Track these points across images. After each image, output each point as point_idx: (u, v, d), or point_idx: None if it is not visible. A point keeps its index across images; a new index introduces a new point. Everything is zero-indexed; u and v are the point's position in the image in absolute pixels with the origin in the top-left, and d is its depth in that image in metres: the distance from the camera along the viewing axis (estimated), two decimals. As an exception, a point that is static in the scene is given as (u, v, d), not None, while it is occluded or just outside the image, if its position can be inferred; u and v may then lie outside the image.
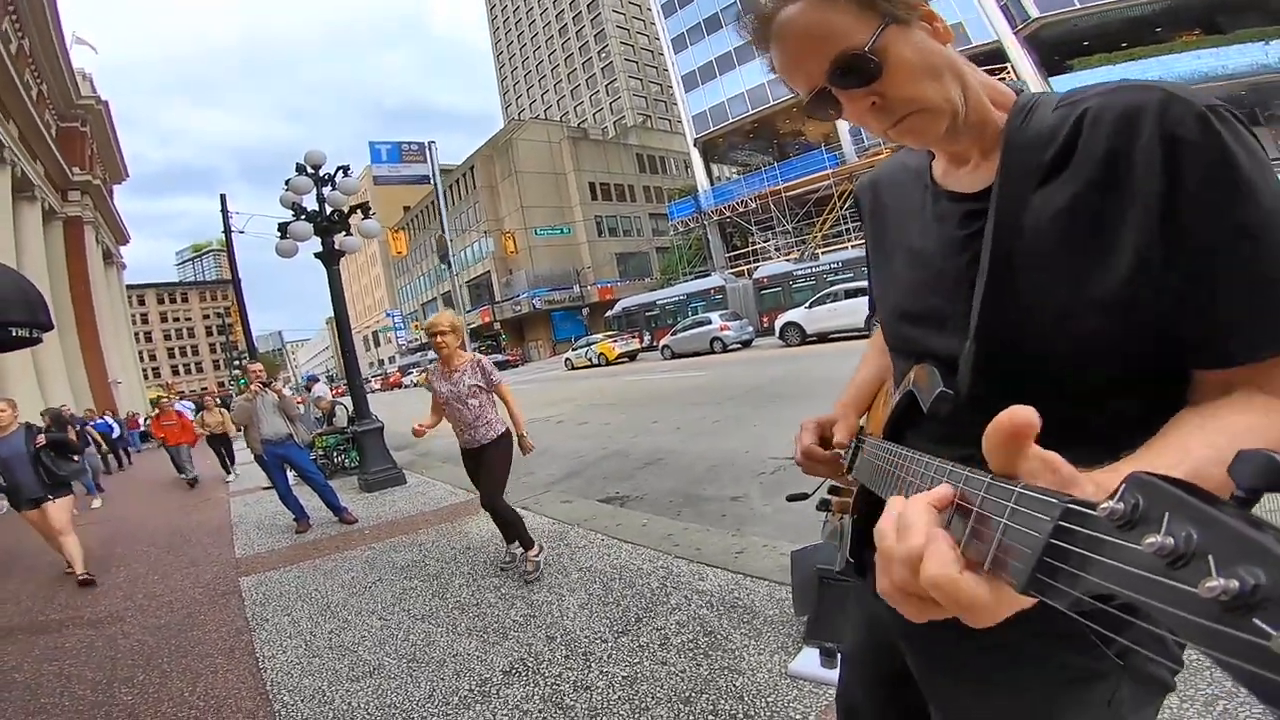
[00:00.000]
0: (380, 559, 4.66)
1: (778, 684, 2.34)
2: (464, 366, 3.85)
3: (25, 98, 19.81)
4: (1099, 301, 0.64)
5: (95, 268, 28.66)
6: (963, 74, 0.73)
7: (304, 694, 2.83)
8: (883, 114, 0.72)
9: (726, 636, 2.72)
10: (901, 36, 0.69)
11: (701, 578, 3.38)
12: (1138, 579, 0.33)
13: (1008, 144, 0.72)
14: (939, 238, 0.80)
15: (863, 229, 1.03)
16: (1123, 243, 0.63)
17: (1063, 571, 0.38)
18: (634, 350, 27.11)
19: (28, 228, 21.27)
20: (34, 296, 5.28)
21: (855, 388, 1.09)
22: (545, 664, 2.74)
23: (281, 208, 7.87)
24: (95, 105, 29.92)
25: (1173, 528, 0.32)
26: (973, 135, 0.75)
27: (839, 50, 0.69)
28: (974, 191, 0.76)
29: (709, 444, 7.14)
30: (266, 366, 6.64)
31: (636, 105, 79.80)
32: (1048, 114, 0.71)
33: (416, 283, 68.23)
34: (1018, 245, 0.69)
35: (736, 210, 37.67)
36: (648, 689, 2.43)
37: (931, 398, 0.73)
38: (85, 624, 4.07)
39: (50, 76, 25.04)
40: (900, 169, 0.94)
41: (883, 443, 0.80)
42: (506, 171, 52.44)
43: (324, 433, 9.16)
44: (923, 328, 0.82)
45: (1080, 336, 0.66)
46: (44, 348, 11.69)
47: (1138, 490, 0.35)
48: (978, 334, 0.71)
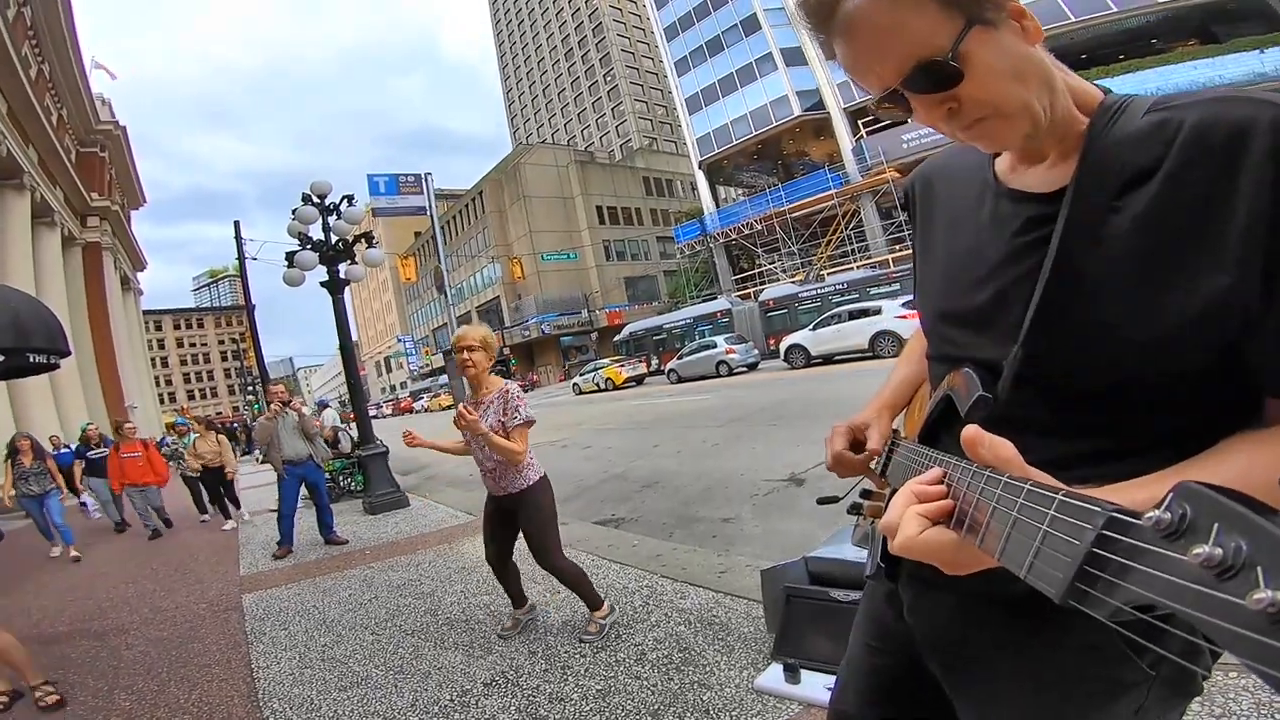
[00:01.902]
0: (378, 578, 4.79)
1: (743, 699, 2.42)
2: (491, 397, 3.11)
3: (45, 123, 19.77)
4: (1175, 326, 0.60)
5: (113, 293, 28.75)
6: (1051, 79, 0.68)
7: (293, 702, 2.97)
8: (957, 117, 0.68)
9: (700, 652, 2.82)
10: (987, 39, 0.64)
11: (684, 596, 3.47)
12: (1182, 590, 0.32)
13: (1089, 146, 0.67)
14: (996, 238, 0.76)
15: (910, 222, 0.99)
16: (1212, 265, 0.58)
17: (1103, 580, 0.37)
18: (640, 375, 27.19)
19: (47, 253, 21.21)
20: (53, 324, 5.41)
21: (892, 388, 1.05)
22: (525, 676, 2.85)
23: (290, 237, 8.09)
24: (114, 130, 29.82)
25: (1222, 539, 0.31)
26: (1053, 138, 0.71)
27: (918, 55, 0.64)
28: (1045, 193, 0.72)
29: (707, 466, 7.25)
30: (286, 390, 6.81)
31: (642, 127, 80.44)
32: (1137, 118, 0.66)
33: (428, 308, 68.56)
34: (1087, 255, 0.65)
35: (742, 232, 37.79)
36: (619, 701, 2.53)
37: (970, 403, 0.71)
38: (92, 636, 4.27)
39: (69, 101, 24.99)
40: (959, 161, 0.89)
41: (917, 446, 0.78)
42: (515, 196, 52.68)
43: (331, 457, 9.25)
44: (966, 331, 0.79)
45: (1144, 360, 0.63)
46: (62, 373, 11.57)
47: (1185, 500, 0.34)
48: (1026, 342, 0.68)
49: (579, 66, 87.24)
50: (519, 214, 52.38)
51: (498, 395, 3.09)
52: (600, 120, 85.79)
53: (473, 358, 3.05)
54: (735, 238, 38.68)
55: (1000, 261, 0.74)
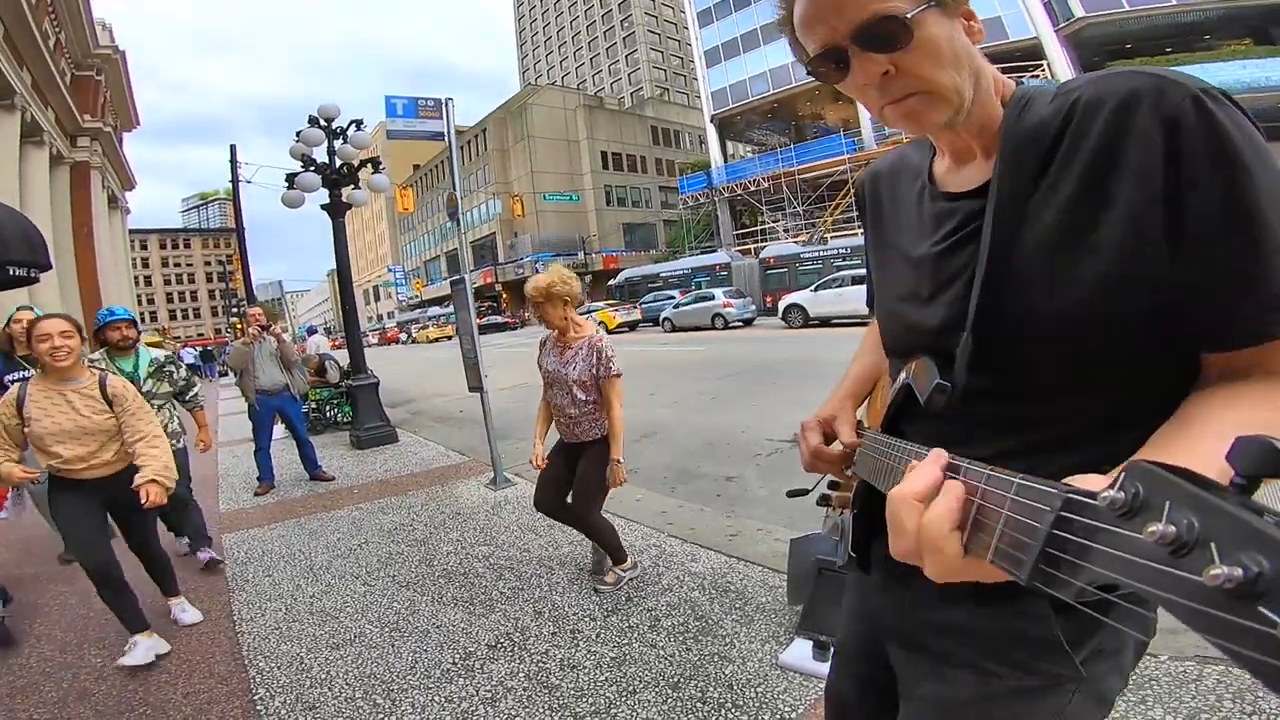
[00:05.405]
0: (367, 521, 4.59)
1: (768, 674, 2.29)
2: (581, 344, 2.96)
3: (42, 46, 19.44)
4: (1100, 291, 0.64)
5: (99, 211, 28.46)
6: (980, 74, 0.73)
7: (281, 661, 2.75)
8: (889, 87, 0.70)
9: (718, 622, 2.67)
10: (940, 21, 0.68)
11: (694, 559, 3.32)
12: (1141, 568, 0.33)
13: (1004, 138, 0.71)
14: (935, 238, 0.80)
15: (863, 223, 1.03)
16: (1122, 229, 0.62)
17: (1065, 561, 0.39)
18: (634, 320, 27.03)
19: (34, 171, 21.03)
20: (34, 236, 5.18)
21: (852, 380, 1.09)
22: (532, 639, 2.68)
23: (291, 159, 7.75)
24: (112, 55, 29.43)
25: (1174, 516, 0.32)
26: (974, 131, 0.75)
27: (876, 9, 0.66)
28: (972, 189, 0.76)
29: (705, 420, 7.08)
30: (266, 314, 6.38)
31: (655, 77, 78.59)
32: (1044, 106, 0.70)
33: (421, 240, 68.01)
34: (1015, 241, 0.69)
35: (748, 189, 37.34)
36: (635, 671, 2.37)
37: (929, 390, 0.74)
38: (60, 580, 3.90)
39: (69, 25, 24.53)
40: (900, 164, 0.94)
41: (881, 436, 0.82)
42: (519, 135, 52.18)
43: (317, 384, 8.92)
44: (918, 325, 0.82)
45: (1080, 328, 0.66)
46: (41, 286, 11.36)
47: (1138, 479, 0.35)
48: (974, 329, 0.71)
49: (596, 10, 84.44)
50: (521, 153, 51.92)
51: (586, 345, 2.94)
52: (613, 67, 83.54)
53: (546, 312, 2.94)
54: (740, 194, 38.23)
55: (941, 258, 0.78)
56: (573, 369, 2.91)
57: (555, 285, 2.92)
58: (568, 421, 3.01)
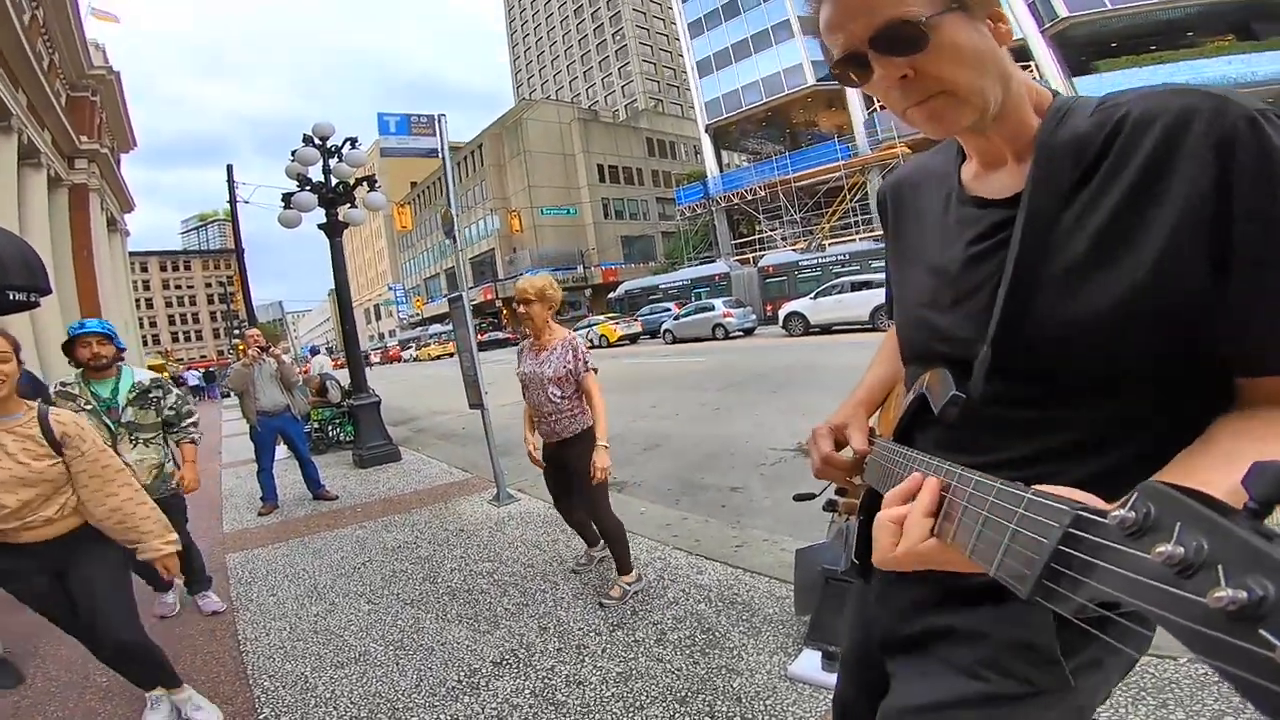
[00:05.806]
0: (371, 539, 4.57)
1: (776, 686, 2.26)
2: (555, 345, 3.15)
3: (36, 67, 19.45)
4: (1129, 309, 0.63)
5: (99, 234, 28.47)
6: (1008, 77, 0.71)
7: (285, 680, 2.73)
8: (911, 89, 0.70)
9: (725, 634, 2.64)
10: (961, 24, 0.67)
11: (700, 571, 3.30)
12: (1145, 587, 0.33)
13: (1040, 149, 0.70)
14: (962, 244, 0.79)
15: (884, 231, 1.02)
16: (1162, 250, 0.61)
17: (1068, 578, 0.39)
18: (635, 333, 27.04)
19: (33, 194, 20.97)
20: (34, 260, 5.17)
21: (866, 388, 1.08)
22: (537, 655, 2.65)
23: (287, 179, 7.75)
24: (107, 76, 29.53)
25: (1184, 537, 0.32)
26: (1004, 136, 0.74)
27: (891, 14, 0.66)
28: (1003, 198, 0.75)
29: (709, 430, 7.06)
30: (266, 335, 6.36)
31: (649, 89, 78.99)
32: (1083, 118, 0.69)
33: (421, 258, 68.08)
34: (1045, 254, 0.68)
35: (745, 198, 37.51)
36: (642, 686, 2.35)
37: (943, 401, 0.74)
38: None
39: (63, 46, 24.61)
40: (923, 171, 0.93)
41: (892, 444, 0.82)
42: (515, 151, 52.27)
43: (319, 404, 8.90)
44: (938, 333, 0.82)
45: (1103, 345, 0.65)
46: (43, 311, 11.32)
47: (1150, 499, 0.35)
48: (994, 342, 0.71)
49: (588, 24, 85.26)
50: (518, 168, 52.00)
51: (563, 344, 3.13)
52: (606, 80, 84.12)
53: (530, 310, 3.12)
54: (737, 202, 38.44)
55: (967, 266, 0.78)
56: (548, 367, 3.07)
57: (547, 289, 3.15)
58: (547, 420, 3.14)
